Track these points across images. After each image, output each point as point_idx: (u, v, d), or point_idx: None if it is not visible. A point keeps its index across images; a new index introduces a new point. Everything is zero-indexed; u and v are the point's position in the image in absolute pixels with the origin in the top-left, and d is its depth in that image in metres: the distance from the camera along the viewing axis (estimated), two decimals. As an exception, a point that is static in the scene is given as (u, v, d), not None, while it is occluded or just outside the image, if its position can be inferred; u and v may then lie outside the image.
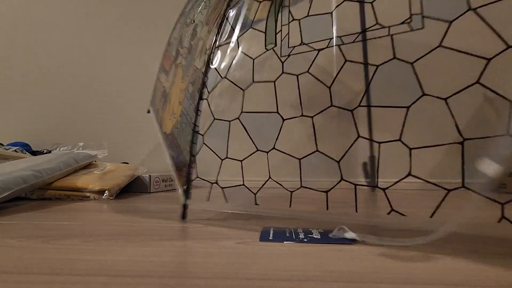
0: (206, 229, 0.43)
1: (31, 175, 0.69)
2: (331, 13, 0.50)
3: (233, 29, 0.55)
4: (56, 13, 1.35)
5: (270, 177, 0.53)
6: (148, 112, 0.84)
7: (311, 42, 0.49)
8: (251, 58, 0.54)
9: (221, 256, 0.31)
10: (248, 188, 0.52)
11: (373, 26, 0.43)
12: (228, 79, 0.53)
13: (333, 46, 0.48)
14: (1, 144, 1.13)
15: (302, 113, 0.50)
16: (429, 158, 0.99)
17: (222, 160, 0.55)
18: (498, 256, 0.31)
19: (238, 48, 0.54)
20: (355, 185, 0.42)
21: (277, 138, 0.50)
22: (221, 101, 0.56)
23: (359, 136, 0.42)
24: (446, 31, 0.36)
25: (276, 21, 0.54)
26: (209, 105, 0.53)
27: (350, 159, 0.91)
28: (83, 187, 0.76)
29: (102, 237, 0.38)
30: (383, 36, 0.43)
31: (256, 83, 0.53)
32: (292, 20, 0.52)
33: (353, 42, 0.47)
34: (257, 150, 0.52)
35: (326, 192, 0.45)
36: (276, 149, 0.50)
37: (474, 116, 0.96)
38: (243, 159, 0.52)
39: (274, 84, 0.53)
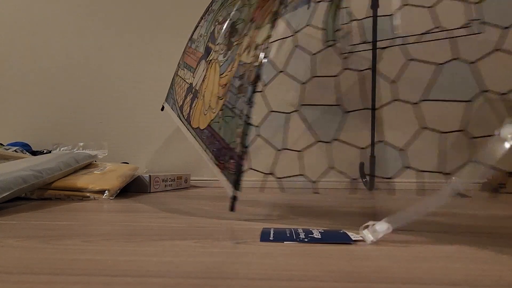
0: (206, 229, 0.43)
1: (31, 175, 0.69)
2: (391, 15, 0.52)
3: (288, 25, 0.56)
4: (56, 13, 1.35)
5: (333, 167, 0.53)
6: (162, 109, 0.86)
7: (372, 41, 0.51)
8: (309, 53, 0.55)
9: (221, 256, 0.31)
10: (307, 177, 0.52)
11: (435, 28, 0.45)
12: (285, 73, 0.54)
13: (394, 45, 0.50)
14: (1, 144, 1.13)
15: (364, 107, 0.50)
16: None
17: (278, 150, 0.55)
18: (497, 256, 0.31)
19: (296, 43, 0.54)
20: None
21: (337, 129, 0.51)
22: (277, 94, 0.54)
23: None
24: (504, 36, 0.38)
25: (334, 19, 0.55)
26: (263, 98, 0.54)
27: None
28: (83, 187, 0.76)
29: (102, 237, 0.38)
30: (446, 38, 0.45)
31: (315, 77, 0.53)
32: (353, 20, 0.54)
33: (414, 42, 0.48)
34: (319, 141, 0.52)
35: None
36: (337, 140, 0.50)
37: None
38: (302, 150, 0.52)
39: (336, 79, 0.54)
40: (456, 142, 0.88)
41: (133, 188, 0.94)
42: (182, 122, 0.74)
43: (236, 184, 0.49)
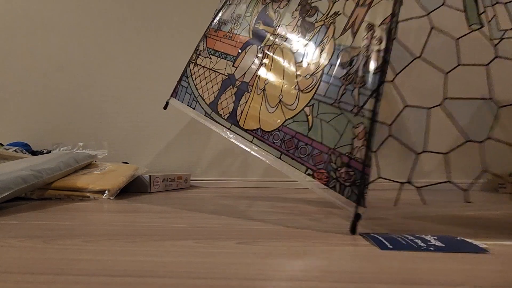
0: (207, 229, 0.43)
1: (31, 175, 0.69)
2: None
3: (417, 3, 0.46)
4: (56, 13, 1.35)
5: (486, 170, 0.44)
6: (166, 107, 0.73)
7: None
8: (453, 38, 0.47)
9: (221, 256, 0.31)
10: (455, 184, 0.44)
11: None
12: (424, 60, 0.45)
13: None
14: (1, 144, 1.13)
15: None
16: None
17: (417, 154, 0.47)
18: (497, 256, 0.31)
19: (432, 25, 0.45)
20: None
21: (491, 127, 0.43)
22: (415, 84, 0.46)
23: None
24: None
25: (476, 1, 0.47)
26: (396, 89, 0.45)
27: None
28: (83, 187, 0.76)
29: (102, 237, 0.38)
30: None
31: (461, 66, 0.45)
32: (496, 3, 0.46)
33: None
34: (468, 140, 0.44)
35: None
36: (491, 139, 0.43)
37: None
38: (448, 152, 0.42)
39: (487, 68, 0.46)
40: None
41: (133, 188, 0.94)
42: (217, 122, 0.62)
43: (360, 199, 0.40)
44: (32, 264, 0.28)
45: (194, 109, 0.67)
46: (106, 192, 0.77)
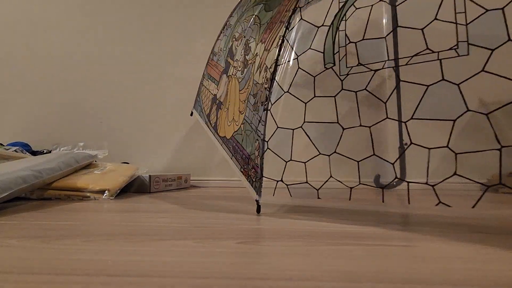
0: (207, 229, 0.43)
1: (31, 175, 0.69)
2: (385, 38, 0.58)
3: (292, 48, 0.63)
4: (56, 13, 1.35)
5: (331, 176, 0.61)
6: (192, 114, 0.94)
7: (368, 64, 0.56)
8: (311, 75, 0.62)
9: (221, 256, 0.31)
10: (311, 185, 0.60)
11: (424, 50, 0.49)
12: (290, 93, 0.61)
13: (388, 67, 0.55)
14: (1, 144, 1.13)
15: (361, 123, 0.57)
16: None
17: (286, 162, 0.62)
18: (496, 256, 0.31)
19: (298, 66, 0.61)
20: (408, 182, 0.50)
21: (337, 144, 0.57)
22: (284, 112, 0.64)
23: (411, 143, 0.52)
24: (488, 58, 0.41)
25: (333, 43, 0.60)
26: (272, 115, 0.61)
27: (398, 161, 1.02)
28: (83, 187, 0.76)
29: (102, 237, 0.38)
30: (433, 60, 0.49)
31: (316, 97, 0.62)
32: (349, 43, 0.59)
33: (406, 64, 0.54)
34: (320, 153, 0.59)
35: (382, 188, 0.64)
36: (337, 153, 0.57)
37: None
38: (307, 161, 0.60)
39: (335, 99, 0.61)
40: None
41: (133, 188, 0.94)
42: (210, 129, 0.80)
43: (257, 190, 0.58)
44: (32, 264, 0.28)
45: (201, 117, 0.88)
46: (106, 192, 0.77)
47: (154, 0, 1.31)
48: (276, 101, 0.61)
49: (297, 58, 0.62)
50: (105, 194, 0.77)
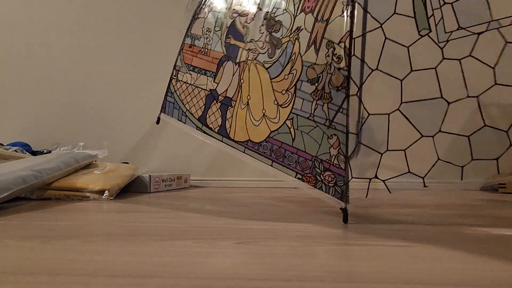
0: (206, 229, 0.43)
1: (31, 175, 0.69)
2: None
3: (368, 14, 0.50)
4: (56, 13, 1.35)
5: (438, 158, 0.51)
6: (158, 122, 0.76)
7: (469, 26, 0.47)
8: (404, 45, 0.51)
9: (221, 256, 0.31)
10: (414, 174, 0.50)
11: None
12: (380, 71, 0.50)
13: (492, 29, 0.47)
14: (1, 144, 1.13)
15: (468, 95, 0.48)
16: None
17: (381, 154, 0.52)
18: (496, 256, 0.31)
19: (385, 36, 0.50)
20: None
21: (442, 122, 0.48)
22: (371, 96, 0.52)
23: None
24: None
25: (425, 5, 0.50)
26: (361, 101, 0.51)
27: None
28: (83, 187, 0.76)
29: (102, 237, 0.38)
30: None
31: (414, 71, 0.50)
32: (444, 4, 0.49)
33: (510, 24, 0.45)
34: (422, 136, 0.49)
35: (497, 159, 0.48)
36: (443, 132, 0.48)
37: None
38: (406, 148, 0.49)
39: (436, 70, 0.50)
40: None
41: (133, 188, 0.94)
42: (209, 134, 0.65)
43: (344, 197, 0.47)
44: (32, 264, 0.28)
45: (185, 123, 0.69)
46: (106, 192, 0.77)
47: (155, 1, 1.31)
48: (364, 82, 0.51)
49: (381, 26, 0.50)
50: (105, 194, 0.77)
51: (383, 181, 0.51)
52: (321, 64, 0.51)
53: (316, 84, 0.51)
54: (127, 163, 1.20)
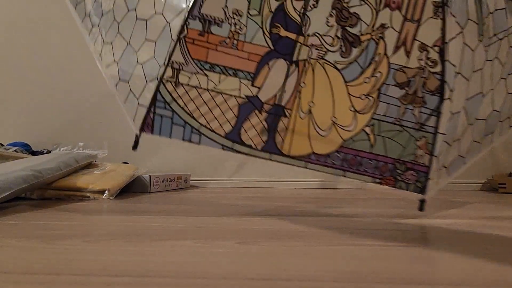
0: (206, 229, 0.43)
1: (31, 175, 0.69)
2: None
3: (453, 17, 0.45)
4: (56, 13, 1.35)
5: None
6: (135, 147, 0.60)
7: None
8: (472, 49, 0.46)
9: (220, 256, 0.31)
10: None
11: None
12: (463, 76, 0.46)
13: None
14: (1, 144, 1.13)
15: None
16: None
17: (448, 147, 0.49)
18: (496, 256, 0.31)
19: (464, 42, 0.45)
20: None
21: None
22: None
23: None
24: None
25: (481, 11, 0.46)
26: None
27: None
28: (83, 187, 0.76)
29: (102, 237, 0.38)
30: None
31: None
32: (490, 13, 0.45)
33: None
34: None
35: None
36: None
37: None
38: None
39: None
40: None
41: (133, 188, 0.94)
42: (244, 153, 0.53)
43: (423, 190, 0.50)
44: (32, 264, 0.28)
45: (199, 143, 0.56)
46: (106, 192, 0.77)
47: (154, 0, 1.31)
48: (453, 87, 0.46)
49: (461, 32, 0.45)
50: (105, 194, 0.77)
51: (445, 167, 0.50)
52: (413, 68, 0.48)
53: (407, 88, 0.48)
54: (127, 163, 1.19)
